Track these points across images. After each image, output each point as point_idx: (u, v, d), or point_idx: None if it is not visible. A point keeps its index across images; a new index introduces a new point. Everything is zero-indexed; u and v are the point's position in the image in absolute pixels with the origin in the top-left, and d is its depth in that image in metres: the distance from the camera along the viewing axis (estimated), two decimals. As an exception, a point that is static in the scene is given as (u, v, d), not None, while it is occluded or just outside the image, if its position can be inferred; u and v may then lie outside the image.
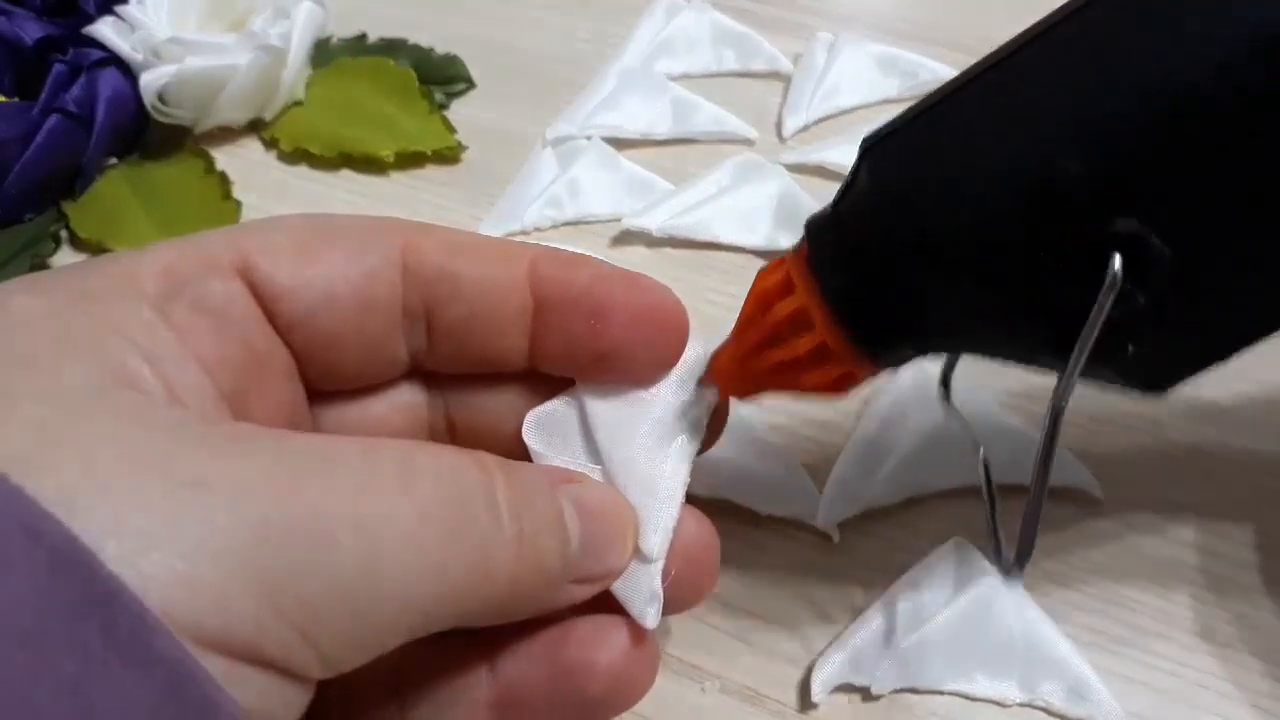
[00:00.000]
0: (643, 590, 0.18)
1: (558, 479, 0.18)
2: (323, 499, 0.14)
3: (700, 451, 0.20)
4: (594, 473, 0.19)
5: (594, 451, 0.19)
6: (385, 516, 0.14)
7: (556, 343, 0.19)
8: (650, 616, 0.18)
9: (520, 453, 0.19)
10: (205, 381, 0.16)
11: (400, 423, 0.20)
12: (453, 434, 0.21)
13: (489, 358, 0.20)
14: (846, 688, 0.22)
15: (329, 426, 0.20)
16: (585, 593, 0.18)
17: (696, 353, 0.20)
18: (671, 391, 0.20)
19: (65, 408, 0.13)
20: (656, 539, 0.19)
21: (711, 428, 0.21)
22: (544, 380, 0.20)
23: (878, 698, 0.22)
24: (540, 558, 0.17)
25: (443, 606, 0.15)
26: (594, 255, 0.20)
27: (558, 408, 0.20)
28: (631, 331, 0.19)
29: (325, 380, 0.19)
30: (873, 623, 0.23)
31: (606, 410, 0.19)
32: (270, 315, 0.18)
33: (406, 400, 0.20)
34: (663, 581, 0.19)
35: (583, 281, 0.19)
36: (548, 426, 0.20)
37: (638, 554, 0.19)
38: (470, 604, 0.16)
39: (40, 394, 0.13)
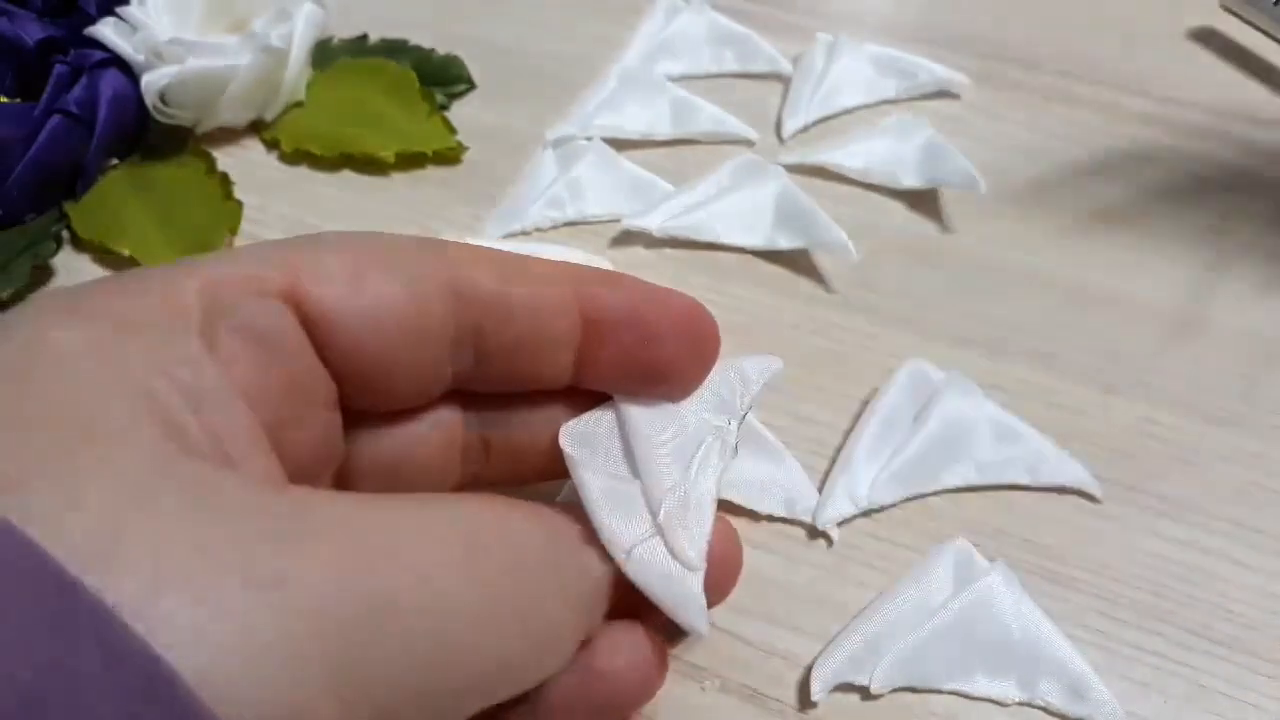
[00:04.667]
0: (692, 600, 0.18)
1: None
2: (394, 588, 0.14)
3: None
4: (634, 485, 0.19)
5: (632, 462, 0.20)
6: (455, 607, 0.15)
7: (605, 361, 0.19)
8: (703, 624, 0.19)
9: (557, 468, 0.20)
10: (250, 421, 0.16)
11: (437, 442, 0.20)
12: (488, 451, 0.21)
13: (535, 377, 0.20)
14: (846, 686, 0.22)
15: (365, 449, 0.20)
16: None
17: (724, 373, 0.21)
18: (706, 404, 0.20)
19: (130, 491, 0.13)
20: (697, 549, 0.19)
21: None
22: (580, 395, 0.20)
23: (877, 697, 0.22)
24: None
25: (506, 686, 0.16)
26: (602, 260, 0.21)
27: (596, 419, 0.20)
28: (677, 348, 0.20)
29: (365, 403, 0.19)
30: (872, 621, 0.23)
31: (644, 422, 0.20)
32: (316, 342, 0.17)
33: (443, 419, 0.20)
34: None
35: (630, 302, 0.19)
36: (586, 437, 0.20)
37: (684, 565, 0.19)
38: (533, 677, 0.16)
39: (102, 473, 0.13)
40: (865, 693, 0.22)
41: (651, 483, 0.19)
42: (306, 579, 0.13)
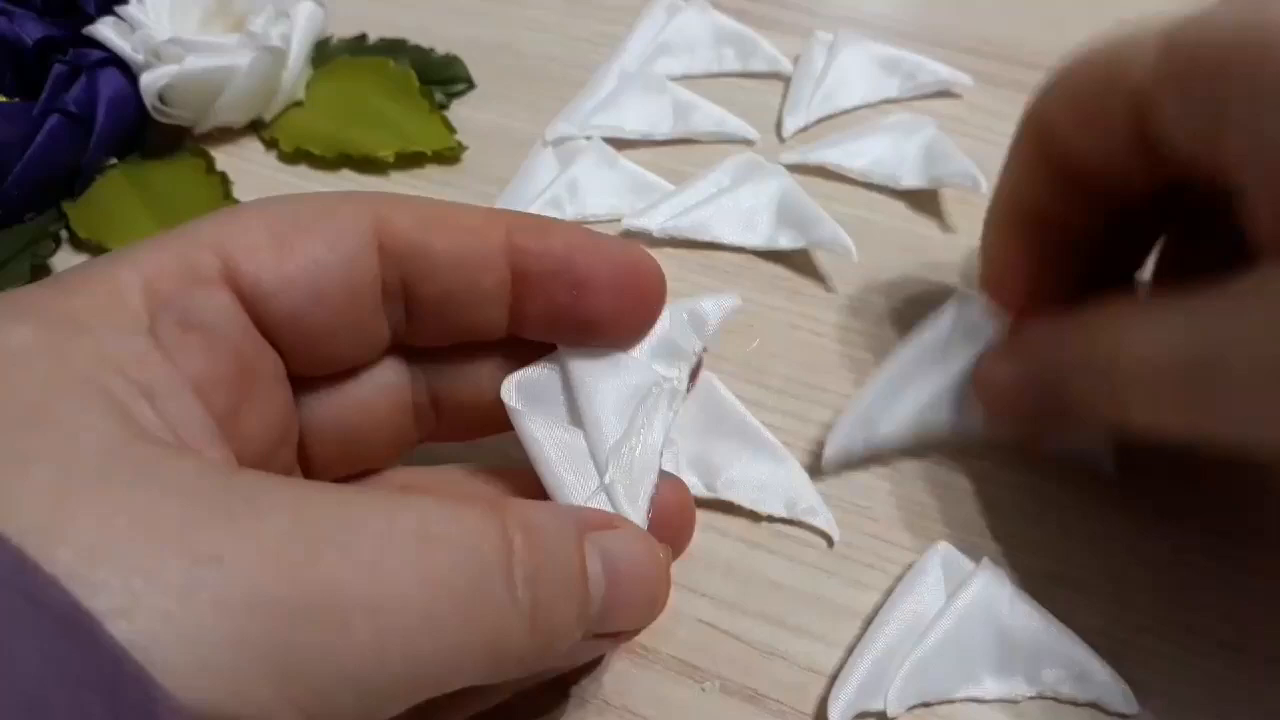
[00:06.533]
0: None
1: (588, 526, 0.17)
2: (338, 576, 0.14)
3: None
4: (578, 436, 0.19)
5: (576, 414, 0.19)
6: (401, 598, 0.14)
7: (537, 312, 0.19)
8: None
9: (505, 420, 0.20)
10: (201, 413, 0.16)
11: (387, 403, 0.20)
12: (437, 407, 0.21)
13: (468, 329, 0.19)
14: (863, 714, 0.22)
15: (318, 418, 0.20)
16: (608, 646, 0.18)
17: (676, 315, 0.20)
18: (651, 356, 0.20)
19: (78, 469, 0.13)
20: (641, 505, 0.19)
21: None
22: (525, 346, 0.20)
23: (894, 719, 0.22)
24: (555, 627, 0.16)
25: (451, 680, 0.15)
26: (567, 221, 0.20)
27: (539, 371, 0.20)
28: (613, 299, 0.19)
29: (310, 369, 0.19)
30: (875, 644, 0.22)
31: (588, 373, 0.19)
32: (256, 319, 0.17)
33: (389, 379, 0.20)
34: None
35: (560, 252, 0.19)
36: (529, 389, 0.20)
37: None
38: (480, 673, 0.16)
39: (52, 453, 0.13)
40: (881, 716, 0.22)
41: (595, 436, 0.19)
42: (245, 559, 0.13)
